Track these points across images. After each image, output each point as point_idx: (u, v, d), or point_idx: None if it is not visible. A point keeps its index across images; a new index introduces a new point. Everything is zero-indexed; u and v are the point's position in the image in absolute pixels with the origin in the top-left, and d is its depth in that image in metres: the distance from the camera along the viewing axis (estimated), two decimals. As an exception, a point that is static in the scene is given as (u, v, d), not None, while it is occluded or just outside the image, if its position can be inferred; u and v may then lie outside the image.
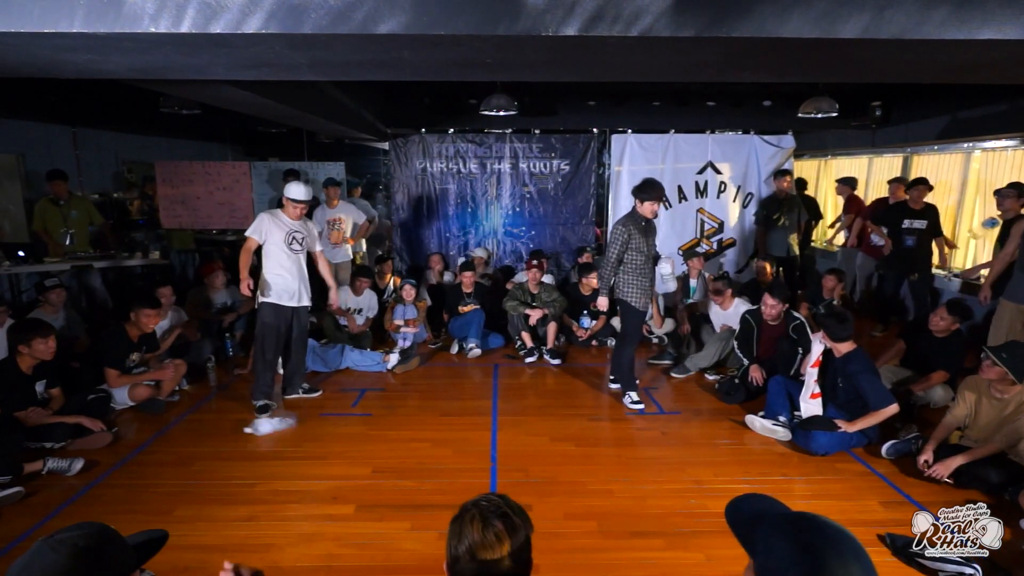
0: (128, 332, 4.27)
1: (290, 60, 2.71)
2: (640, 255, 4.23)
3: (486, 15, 2.13)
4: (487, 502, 1.20)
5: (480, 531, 1.15)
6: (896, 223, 5.71)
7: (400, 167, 7.61)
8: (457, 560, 1.16)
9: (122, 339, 4.24)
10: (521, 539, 1.18)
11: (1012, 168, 5.66)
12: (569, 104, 7.88)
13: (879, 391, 3.53)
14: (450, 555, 1.18)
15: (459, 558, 1.16)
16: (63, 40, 2.27)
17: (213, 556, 2.65)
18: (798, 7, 2.14)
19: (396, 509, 3.03)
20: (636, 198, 4.20)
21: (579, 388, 4.91)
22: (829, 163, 8.93)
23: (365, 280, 5.89)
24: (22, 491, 3.10)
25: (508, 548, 1.15)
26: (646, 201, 4.15)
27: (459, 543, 1.16)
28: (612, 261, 4.24)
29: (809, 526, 0.94)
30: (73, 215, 6.09)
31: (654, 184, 4.17)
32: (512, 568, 1.16)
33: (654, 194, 4.14)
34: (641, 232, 4.22)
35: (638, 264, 4.23)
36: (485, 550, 1.14)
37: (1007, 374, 3.15)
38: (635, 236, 4.20)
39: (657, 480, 3.37)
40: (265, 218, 4.21)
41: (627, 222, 4.24)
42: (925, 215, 5.56)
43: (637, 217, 4.23)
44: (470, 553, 1.14)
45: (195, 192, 7.30)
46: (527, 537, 1.20)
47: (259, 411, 4.11)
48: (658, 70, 3.13)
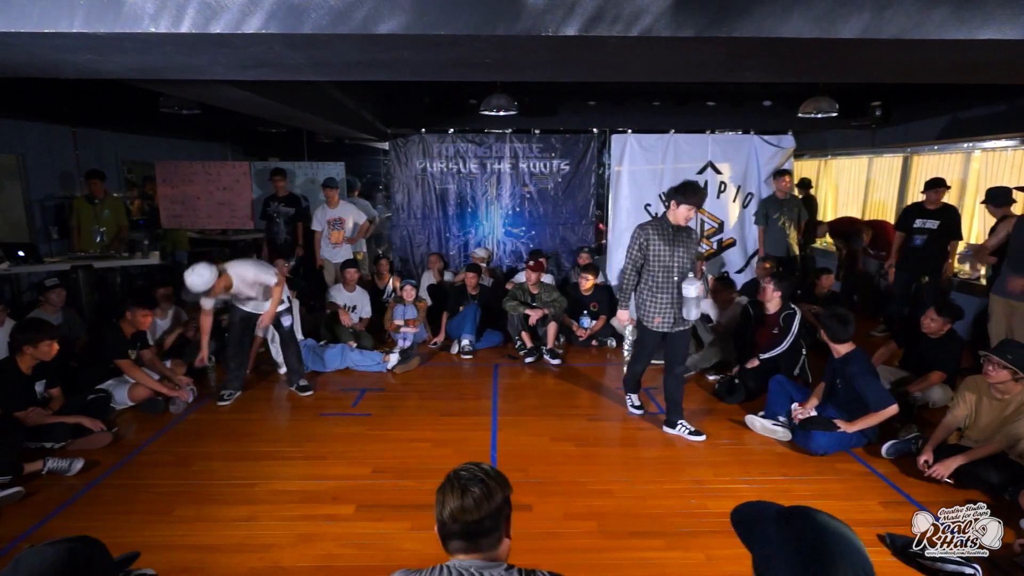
0: (123, 329, 4.28)
1: (290, 60, 2.71)
2: (660, 268, 3.71)
3: (486, 15, 2.13)
4: (466, 471, 1.38)
5: (459, 498, 1.32)
6: (908, 222, 5.63)
7: (400, 167, 7.61)
8: (443, 524, 1.35)
9: (119, 336, 4.25)
10: (498, 501, 1.35)
11: (1012, 168, 5.66)
12: (569, 104, 7.87)
13: (879, 392, 3.53)
14: (437, 520, 1.36)
15: (444, 522, 1.34)
16: (63, 40, 2.26)
17: (213, 556, 2.66)
18: (798, 7, 2.14)
19: (396, 509, 3.03)
20: (670, 200, 3.70)
21: (579, 388, 4.91)
22: (829, 163, 8.93)
23: (353, 271, 5.89)
24: (22, 491, 3.11)
25: (485, 511, 1.32)
26: (681, 204, 3.61)
27: (443, 509, 1.34)
28: (626, 271, 3.84)
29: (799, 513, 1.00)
30: (106, 214, 6.30)
31: (695, 188, 3.65)
32: (491, 525, 1.34)
33: (693, 198, 3.60)
34: (665, 241, 3.69)
35: (656, 279, 3.73)
36: (465, 513, 1.31)
37: (1016, 373, 3.14)
38: (655, 244, 3.70)
39: (657, 480, 3.37)
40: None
41: (648, 227, 3.75)
42: (939, 216, 5.41)
43: (664, 223, 3.73)
44: (452, 517, 1.32)
45: (195, 192, 7.31)
46: (505, 498, 1.37)
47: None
48: (658, 70, 3.13)
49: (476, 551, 1.34)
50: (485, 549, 1.35)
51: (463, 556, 1.35)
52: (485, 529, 1.33)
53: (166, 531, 2.84)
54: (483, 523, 1.33)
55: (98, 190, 6.27)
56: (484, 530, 1.33)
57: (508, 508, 1.39)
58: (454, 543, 1.35)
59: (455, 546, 1.35)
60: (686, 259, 3.74)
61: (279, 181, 6.82)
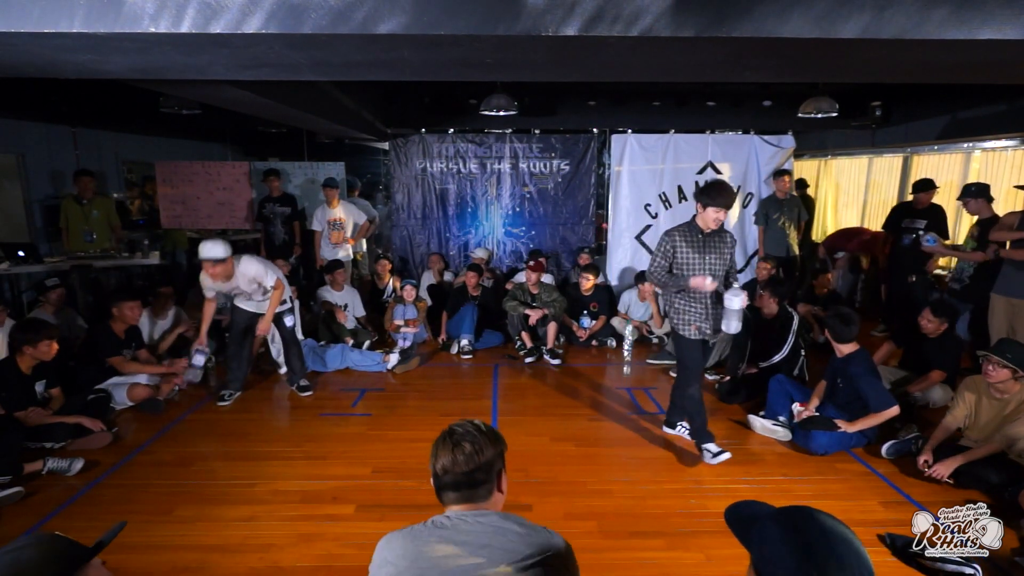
0: (114, 328, 4.27)
1: (290, 60, 2.71)
2: (691, 276, 3.41)
3: (486, 15, 2.13)
4: (460, 427, 1.46)
5: (451, 452, 1.40)
6: (897, 222, 5.72)
7: (400, 167, 7.61)
8: (437, 476, 1.43)
9: (110, 335, 4.25)
10: (488, 456, 1.42)
11: (1012, 168, 5.66)
12: (569, 104, 7.88)
13: (880, 393, 3.53)
14: (432, 473, 1.44)
15: (438, 475, 1.42)
16: (63, 40, 2.27)
17: (213, 556, 2.65)
18: (798, 7, 2.14)
19: (396, 509, 3.03)
20: (698, 202, 3.41)
21: (579, 388, 4.91)
22: (829, 163, 8.93)
23: (340, 272, 5.90)
24: (22, 491, 3.11)
25: (476, 463, 1.40)
26: (709, 207, 3.31)
27: (436, 462, 1.42)
28: (655, 277, 3.52)
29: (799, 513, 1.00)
30: (95, 215, 6.13)
31: (722, 188, 3.33)
32: (483, 477, 1.42)
33: (721, 200, 3.29)
34: (694, 247, 3.41)
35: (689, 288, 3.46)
36: (456, 466, 1.40)
37: (1015, 371, 3.14)
38: (682, 252, 3.42)
39: (657, 480, 3.37)
40: (203, 277, 4.17)
41: (675, 234, 3.45)
42: (927, 215, 5.52)
43: (694, 228, 3.44)
44: (444, 469, 1.41)
45: (195, 192, 7.30)
46: (498, 453, 1.46)
47: None
48: (658, 70, 3.13)
49: (468, 501, 1.42)
50: (477, 500, 1.42)
51: (456, 507, 1.42)
52: (476, 481, 1.41)
53: (166, 531, 2.84)
54: (474, 475, 1.40)
55: (86, 190, 6.07)
56: (475, 482, 1.41)
57: (501, 463, 1.48)
58: (448, 494, 1.43)
59: (449, 497, 1.43)
60: (719, 265, 3.44)
61: (273, 181, 6.81)
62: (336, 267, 5.91)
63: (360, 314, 5.98)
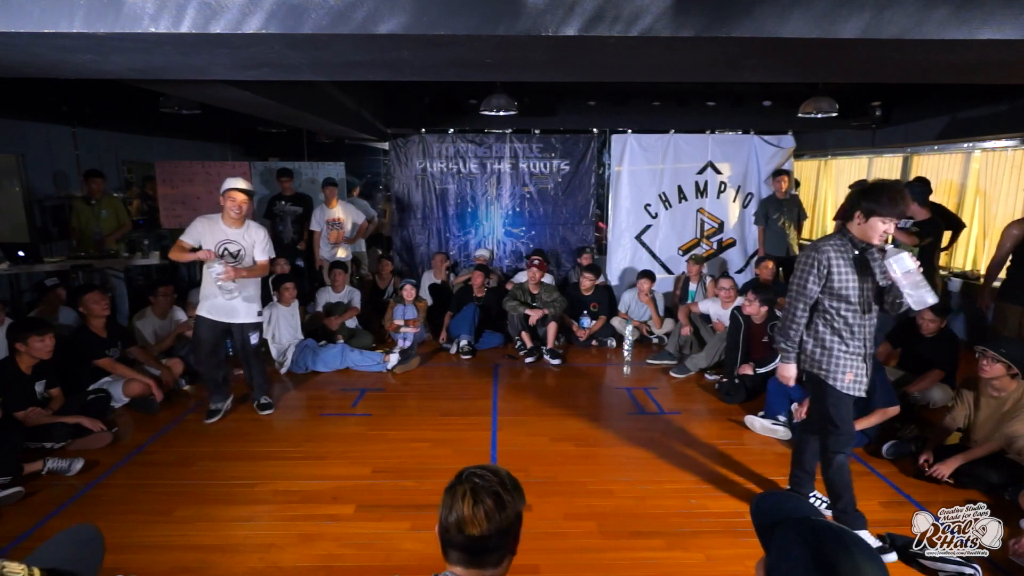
0: (92, 327, 4.22)
1: (290, 60, 2.71)
2: (847, 306, 2.59)
3: (486, 15, 2.14)
4: (480, 478, 1.25)
5: (470, 508, 1.20)
6: None
7: (400, 167, 7.61)
8: (447, 529, 1.23)
9: (91, 336, 4.20)
10: (510, 517, 1.23)
11: (1012, 168, 5.66)
12: (569, 104, 7.87)
13: (887, 388, 3.53)
14: (440, 522, 1.25)
15: (448, 528, 1.22)
16: (63, 40, 2.27)
17: (213, 556, 2.65)
18: (798, 7, 2.14)
19: (396, 509, 3.03)
20: (857, 210, 2.53)
21: (579, 388, 4.91)
22: (829, 163, 8.93)
23: (341, 273, 5.90)
24: (22, 491, 3.11)
25: (495, 526, 1.21)
26: (874, 217, 2.46)
27: (449, 514, 1.22)
28: (795, 314, 2.68)
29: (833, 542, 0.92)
30: (104, 215, 6.18)
31: (894, 193, 2.44)
32: (497, 543, 1.22)
33: (892, 208, 2.43)
34: (854, 267, 2.57)
35: (845, 319, 2.61)
36: (472, 526, 1.20)
37: (1009, 367, 3.14)
38: (841, 274, 2.56)
39: (657, 480, 3.37)
40: (200, 223, 3.87)
41: (828, 249, 2.58)
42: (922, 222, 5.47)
43: (847, 243, 2.59)
44: (457, 526, 1.21)
45: (195, 192, 7.29)
46: (517, 514, 1.26)
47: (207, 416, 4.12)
48: (658, 70, 3.13)
49: (476, 567, 1.24)
50: (487, 567, 1.25)
51: (461, 570, 1.25)
52: (490, 546, 1.23)
53: (166, 531, 2.84)
54: (489, 540, 1.21)
55: (96, 190, 6.14)
56: (489, 547, 1.23)
57: (519, 524, 1.28)
58: (454, 554, 1.25)
59: (455, 557, 1.25)
60: (872, 291, 2.61)
61: (286, 181, 6.84)
62: (337, 267, 5.91)
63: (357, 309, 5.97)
